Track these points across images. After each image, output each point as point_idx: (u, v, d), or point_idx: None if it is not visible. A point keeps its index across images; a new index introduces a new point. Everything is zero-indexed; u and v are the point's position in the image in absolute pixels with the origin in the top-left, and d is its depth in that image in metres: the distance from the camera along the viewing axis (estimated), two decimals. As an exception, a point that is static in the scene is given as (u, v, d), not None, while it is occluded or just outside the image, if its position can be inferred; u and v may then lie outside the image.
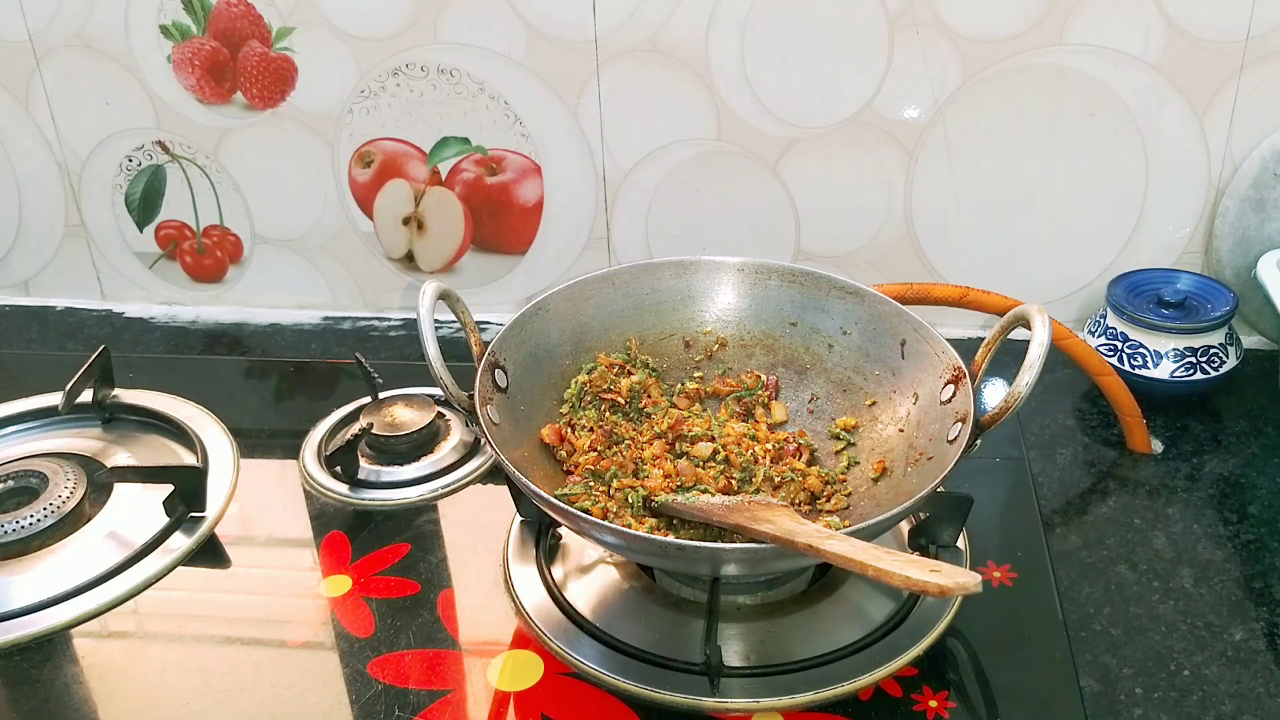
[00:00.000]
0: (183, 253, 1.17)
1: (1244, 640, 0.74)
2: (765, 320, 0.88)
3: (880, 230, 1.05)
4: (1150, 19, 0.92)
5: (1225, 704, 0.70)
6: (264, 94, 1.06)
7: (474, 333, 0.81)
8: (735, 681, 0.70)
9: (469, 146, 1.07)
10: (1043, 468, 0.91)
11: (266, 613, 0.79)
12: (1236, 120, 0.96)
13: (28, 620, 0.77)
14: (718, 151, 1.03)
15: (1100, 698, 0.70)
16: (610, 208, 1.08)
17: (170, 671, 0.74)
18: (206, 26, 1.04)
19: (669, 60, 0.99)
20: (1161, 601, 0.78)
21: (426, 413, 0.93)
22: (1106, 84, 0.95)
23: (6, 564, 0.81)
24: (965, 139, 0.99)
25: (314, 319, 1.17)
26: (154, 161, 1.12)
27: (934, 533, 0.78)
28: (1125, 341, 0.95)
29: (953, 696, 0.70)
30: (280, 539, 0.87)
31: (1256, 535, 0.83)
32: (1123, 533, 0.84)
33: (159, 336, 1.16)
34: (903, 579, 0.56)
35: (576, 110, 1.03)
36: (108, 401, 0.97)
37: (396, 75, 1.04)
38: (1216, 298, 0.96)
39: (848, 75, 0.98)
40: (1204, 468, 0.90)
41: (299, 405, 1.03)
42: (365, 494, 0.89)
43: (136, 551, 0.82)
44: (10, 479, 0.87)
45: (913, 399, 0.80)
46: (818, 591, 0.77)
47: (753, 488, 0.80)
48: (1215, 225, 1.00)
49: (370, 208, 1.11)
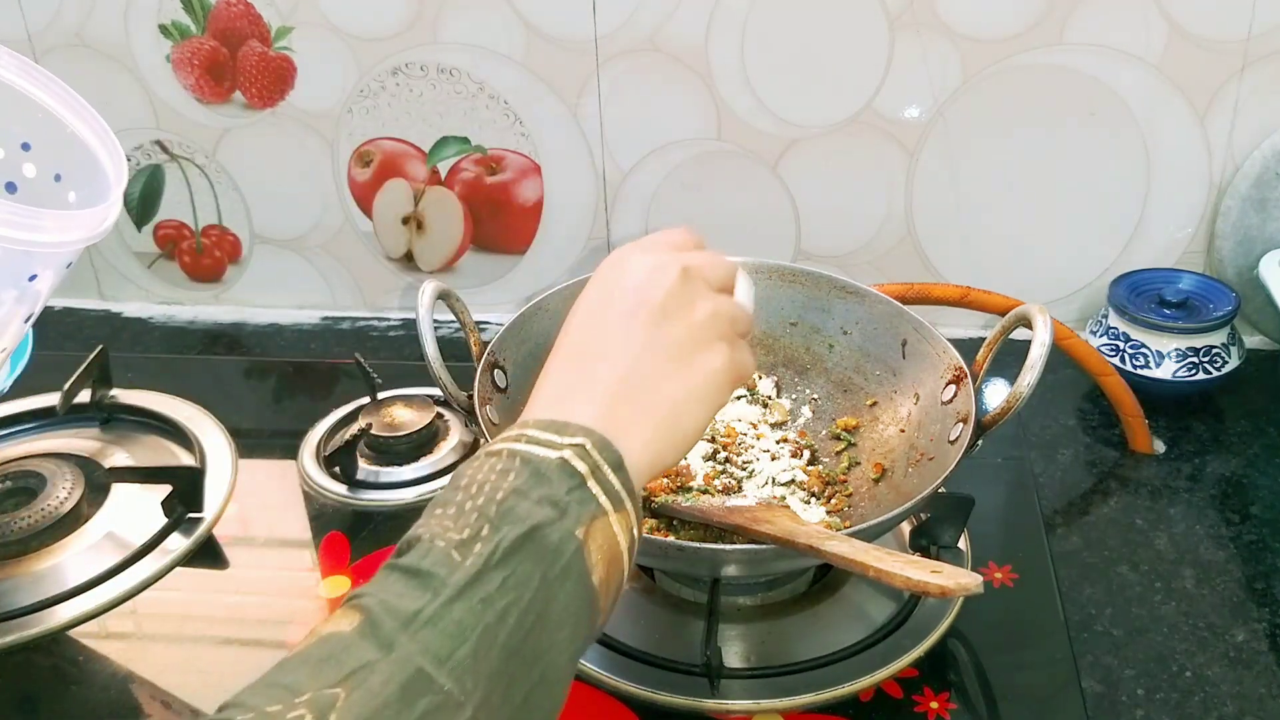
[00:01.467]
0: (181, 252, 1.16)
1: (1246, 641, 0.74)
2: (765, 320, 0.88)
3: (880, 230, 1.04)
4: (1151, 19, 0.92)
5: (1227, 705, 0.70)
6: (263, 94, 1.06)
7: (473, 333, 0.81)
8: (735, 682, 0.70)
9: (469, 146, 1.06)
10: (1044, 468, 0.91)
11: (265, 613, 0.79)
12: (1238, 119, 0.95)
13: (27, 620, 0.77)
14: (718, 151, 1.03)
15: (1102, 699, 0.70)
16: (610, 208, 1.07)
17: (170, 671, 0.74)
18: (206, 26, 1.04)
19: (669, 60, 0.99)
20: (1163, 602, 0.77)
21: (426, 413, 0.93)
22: (1107, 84, 0.95)
23: (5, 564, 0.81)
24: (965, 139, 0.99)
25: (313, 319, 1.17)
26: (153, 161, 1.12)
27: (935, 533, 0.78)
28: (1127, 341, 0.95)
29: (954, 697, 0.70)
30: (279, 539, 0.86)
31: (1259, 536, 0.83)
32: (1124, 533, 0.84)
33: (157, 336, 1.15)
34: (904, 580, 0.56)
35: (576, 110, 1.03)
36: (106, 402, 0.97)
37: (396, 75, 1.03)
38: (1218, 298, 0.96)
39: (848, 75, 0.98)
40: (1206, 468, 0.90)
41: (298, 405, 1.02)
42: (364, 494, 0.88)
43: (135, 552, 0.82)
44: (8, 479, 0.87)
45: (914, 399, 0.80)
46: (818, 592, 0.77)
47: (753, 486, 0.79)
48: (1217, 225, 0.99)
49: (370, 207, 1.11)
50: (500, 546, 0.45)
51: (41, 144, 0.76)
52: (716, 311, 0.57)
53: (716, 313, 0.56)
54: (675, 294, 0.55)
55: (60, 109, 0.75)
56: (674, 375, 0.54)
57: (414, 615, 0.43)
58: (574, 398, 0.52)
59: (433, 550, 0.45)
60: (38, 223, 0.65)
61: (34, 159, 0.76)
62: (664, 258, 0.57)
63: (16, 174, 0.76)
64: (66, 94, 0.76)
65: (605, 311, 0.56)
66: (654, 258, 0.57)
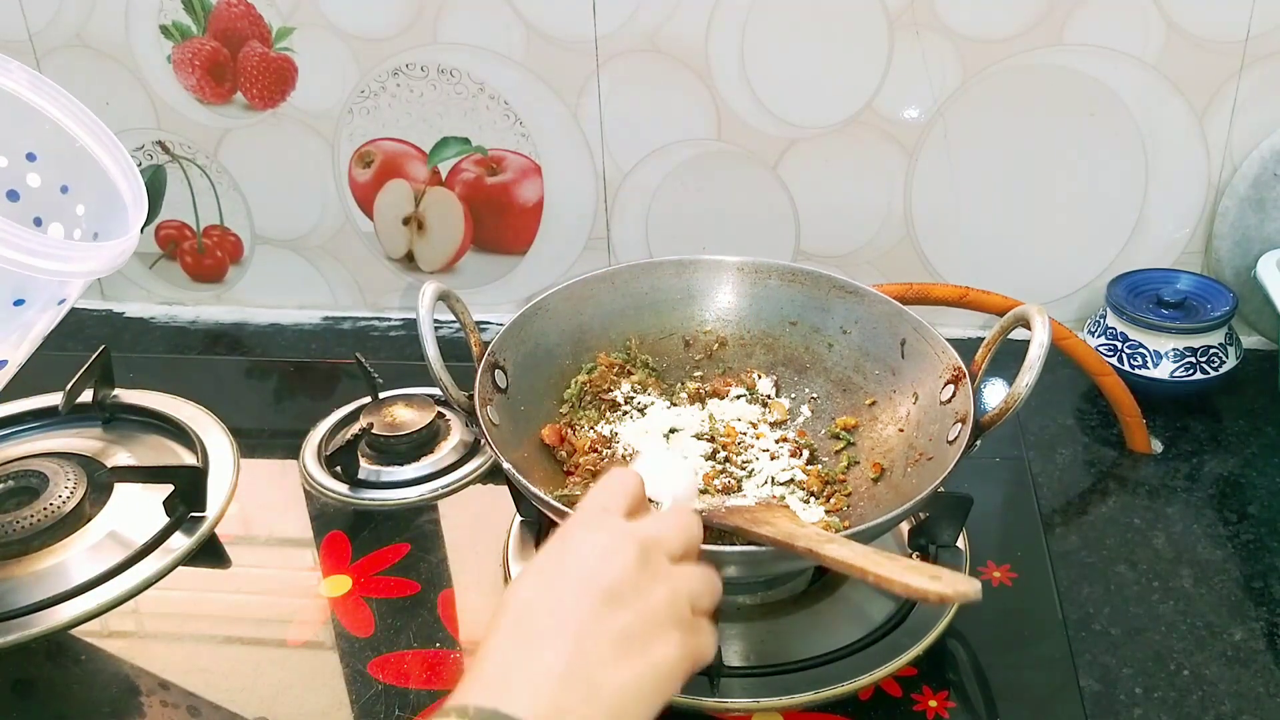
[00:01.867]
0: (183, 253, 1.17)
1: (1244, 640, 0.74)
2: (765, 319, 0.88)
3: (880, 230, 1.05)
4: (1150, 19, 0.92)
5: (1225, 704, 0.70)
6: (264, 94, 1.06)
7: (474, 333, 0.81)
8: (735, 681, 0.70)
9: (469, 146, 1.07)
10: (1042, 468, 0.91)
11: (267, 613, 0.79)
12: (1236, 120, 0.96)
13: (28, 620, 0.77)
14: (718, 151, 1.03)
15: (1100, 697, 0.71)
16: (610, 208, 1.08)
17: (170, 671, 0.74)
18: (206, 27, 1.04)
19: (669, 60, 0.99)
20: (1161, 601, 0.78)
21: (426, 413, 0.93)
22: (1106, 84, 0.95)
23: (6, 564, 0.81)
24: (965, 139, 0.99)
25: (314, 319, 1.17)
26: (154, 161, 1.12)
27: (934, 533, 0.78)
28: (1125, 341, 0.95)
29: (952, 696, 0.70)
30: (280, 539, 0.87)
31: (1256, 535, 0.83)
32: (1122, 532, 0.84)
33: (159, 336, 1.16)
34: (903, 586, 0.56)
35: (576, 110, 1.03)
36: (108, 401, 0.97)
37: (396, 75, 1.04)
38: (1216, 298, 0.96)
39: (848, 75, 0.98)
40: (1204, 468, 0.90)
41: (299, 405, 1.03)
42: (365, 494, 0.89)
43: (137, 551, 0.82)
44: (10, 479, 0.87)
45: (913, 399, 0.80)
46: (818, 591, 0.77)
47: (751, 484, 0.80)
48: (1215, 225, 1.00)
49: (370, 208, 1.11)
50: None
51: (48, 156, 0.77)
52: (674, 595, 0.52)
53: (674, 597, 0.52)
54: (629, 578, 0.51)
55: (72, 125, 0.76)
56: (623, 664, 0.49)
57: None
58: (516, 682, 0.48)
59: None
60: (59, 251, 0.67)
61: (39, 169, 0.77)
62: (618, 535, 0.53)
63: (19, 183, 0.76)
64: (84, 114, 0.77)
65: (552, 588, 0.52)
66: (607, 535, 0.53)
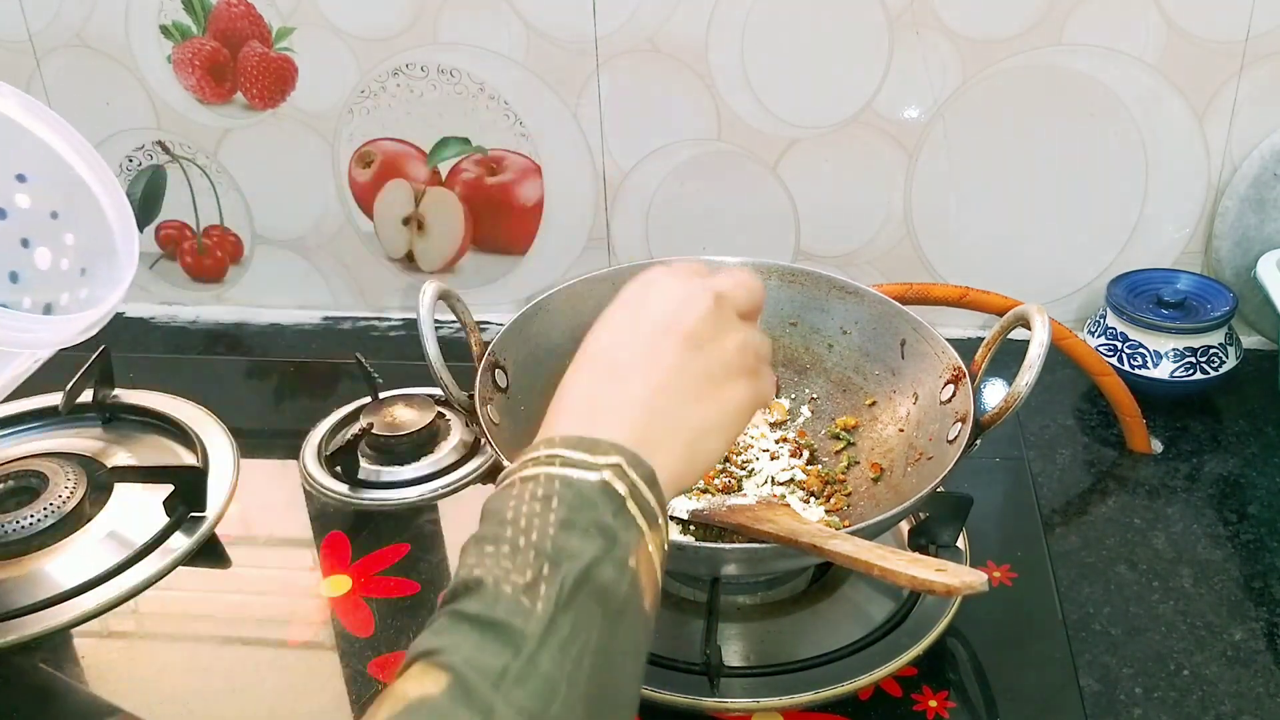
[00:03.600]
0: (183, 253, 1.17)
1: (1244, 640, 0.74)
2: (765, 320, 0.87)
3: (880, 230, 1.05)
4: (1150, 19, 0.92)
5: (1225, 704, 0.70)
6: (264, 94, 1.06)
7: (474, 333, 0.81)
8: (735, 681, 0.70)
9: (469, 147, 1.07)
10: (1042, 468, 0.91)
11: (267, 613, 0.79)
12: (1236, 120, 0.96)
13: (28, 620, 0.77)
14: (718, 151, 1.03)
15: (1100, 697, 0.71)
16: (610, 208, 1.08)
17: (170, 671, 0.74)
18: (206, 27, 1.04)
19: (669, 60, 0.99)
20: (1161, 601, 0.78)
21: (426, 413, 0.93)
22: (1106, 84, 0.95)
23: (6, 564, 0.81)
24: (965, 139, 0.99)
25: (314, 319, 1.17)
26: (154, 162, 1.12)
27: (934, 533, 0.78)
28: (1125, 341, 0.95)
29: (952, 696, 0.70)
30: (280, 539, 0.87)
31: (1256, 535, 0.83)
32: (1122, 532, 0.84)
33: (159, 336, 1.16)
34: (909, 578, 0.56)
35: (576, 110, 1.03)
36: (108, 401, 0.97)
37: (396, 75, 1.04)
38: (1216, 298, 0.96)
39: (848, 75, 0.98)
40: (1204, 468, 0.90)
41: (299, 405, 1.03)
42: (365, 494, 0.89)
43: (137, 551, 0.82)
44: (10, 479, 0.87)
45: (912, 399, 0.80)
46: (817, 591, 0.77)
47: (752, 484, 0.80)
48: (1215, 225, 1.00)
49: (370, 208, 1.11)
50: (564, 587, 0.44)
51: (39, 179, 0.77)
52: (744, 344, 0.57)
53: (744, 345, 0.57)
54: (707, 323, 0.55)
55: (66, 149, 0.77)
56: (701, 401, 0.54)
57: (502, 673, 0.42)
58: (604, 412, 0.52)
59: (501, 597, 0.44)
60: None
61: (29, 191, 0.77)
62: (695, 285, 0.57)
63: (8, 201, 0.77)
64: (81, 144, 0.77)
65: (636, 330, 0.56)
66: (685, 284, 0.57)
